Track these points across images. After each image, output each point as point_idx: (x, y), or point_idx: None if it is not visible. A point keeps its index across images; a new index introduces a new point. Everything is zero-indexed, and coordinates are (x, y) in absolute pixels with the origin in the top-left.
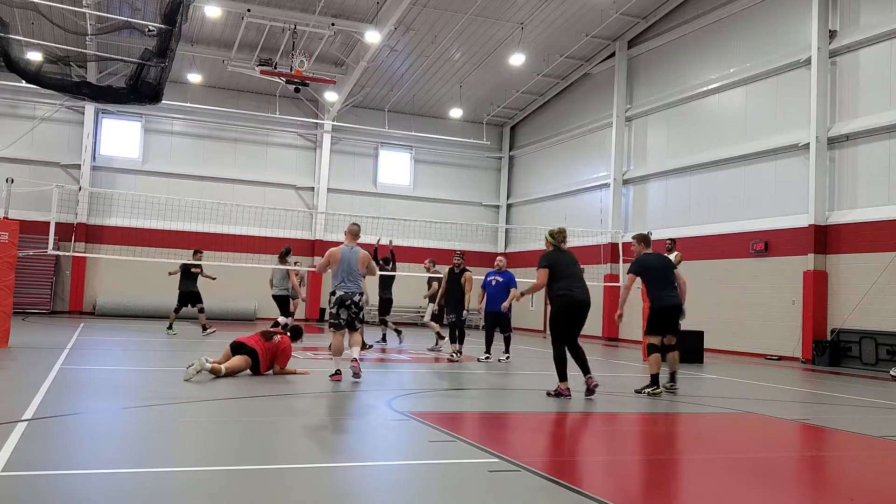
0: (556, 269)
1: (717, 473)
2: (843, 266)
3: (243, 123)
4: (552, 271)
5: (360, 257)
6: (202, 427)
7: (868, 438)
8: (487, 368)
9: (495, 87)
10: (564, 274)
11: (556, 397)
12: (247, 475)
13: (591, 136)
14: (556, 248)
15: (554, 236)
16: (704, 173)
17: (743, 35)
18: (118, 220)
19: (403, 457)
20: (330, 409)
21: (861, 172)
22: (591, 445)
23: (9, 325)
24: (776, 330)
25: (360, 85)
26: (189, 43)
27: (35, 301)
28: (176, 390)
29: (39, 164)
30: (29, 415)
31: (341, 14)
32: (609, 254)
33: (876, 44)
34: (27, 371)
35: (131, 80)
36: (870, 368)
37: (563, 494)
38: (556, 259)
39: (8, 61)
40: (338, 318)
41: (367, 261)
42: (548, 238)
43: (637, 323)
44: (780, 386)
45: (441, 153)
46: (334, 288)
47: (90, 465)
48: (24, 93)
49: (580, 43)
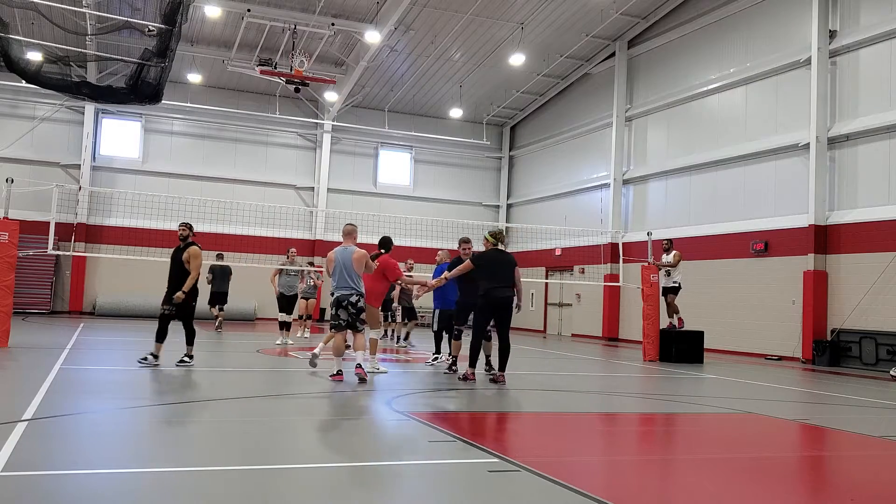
0: (486, 267)
1: (717, 473)
2: (843, 266)
3: (243, 123)
4: (479, 268)
5: (353, 258)
6: (202, 427)
7: (868, 438)
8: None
9: (495, 87)
10: (490, 274)
11: (463, 381)
12: (246, 475)
13: (591, 136)
14: (494, 248)
15: (495, 236)
16: (704, 173)
17: (743, 35)
18: (118, 220)
19: (403, 457)
20: (330, 409)
21: (861, 172)
22: (591, 445)
23: (9, 325)
24: (776, 330)
25: (360, 85)
26: (189, 43)
27: (35, 301)
28: (176, 390)
29: (39, 164)
30: (29, 415)
31: (341, 14)
32: (609, 254)
33: (876, 44)
34: (27, 371)
35: (131, 80)
36: (870, 368)
37: (563, 494)
38: (489, 258)
39: (8, 61)
40: (337, 319)
41: (363, 260)
42: (487, 237)
43: (637, 323)
44: (781, 386)
45: (441, 153)
46: (332, 289)
47: (90, 465)
48: (24, 93)
49: (580, 43)
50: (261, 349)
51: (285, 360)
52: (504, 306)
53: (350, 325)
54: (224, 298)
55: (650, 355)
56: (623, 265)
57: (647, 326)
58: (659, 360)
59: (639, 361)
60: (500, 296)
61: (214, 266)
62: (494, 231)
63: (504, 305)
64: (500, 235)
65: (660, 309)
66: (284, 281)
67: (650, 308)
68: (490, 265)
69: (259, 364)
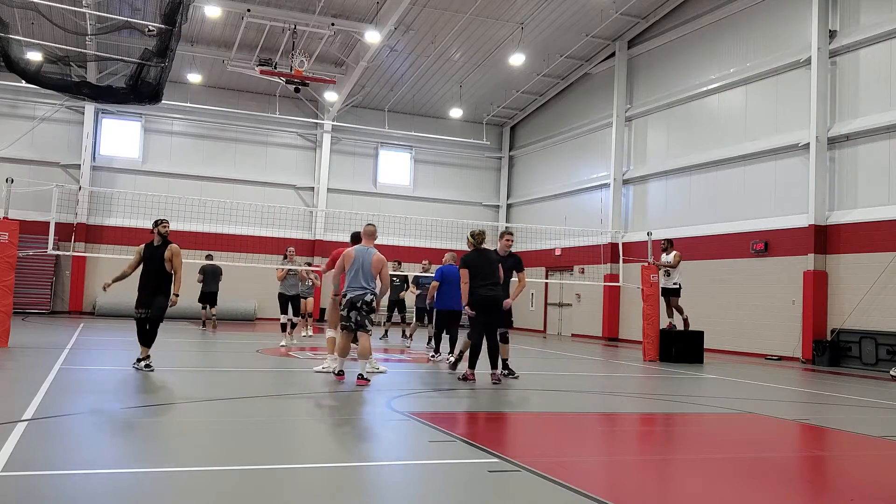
0: (472, 269)
1: (718, 473)
2: (843, 266)
3: (243, 123)
4: (470, 270)
5: (373, 259)
6: (202, 427)
7: (868, 438)
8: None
9: (495, 87)
10: (477, 274)
11: (462, 381)
12: (246, 475)
13: (591, 136)
14: (475, 249)
15: (475, 237)
16: (704, 173)
17: (743, 35)
18: (118, 220)
19: (403, 457)
20: (330, 409)
21: (861, 172)
22: (591, 445)
23: (9, 325)
24: (776, 330)
25: (360, 85)
26: (189, 43)
27: (35, 301)
28: (176, 390)
29: (39, 164)
30: (29, 415)
31: (341, 14)
32: (609, 254)
33: (876, 44)
34: (27, 371)
35: (131, 80)
36: (870, 368)
37: (563, 494)
38: (472, 260)
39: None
40: (347, 321)
41: (380, 265)
42: (469, 239)
43: (637, 323)
44: (781, 386)
45: (441, 153)
46: (345, 289)
47: (90, 465)
48: (24, 93)
49: (580, 43)
50: (261, 349)
51: (285, 360)
52: (491, 305)
53: (359, 325)
54: (214, 298)
55: (650, 355)
56: (623, 265)
57: (646, 326)
58: (659, 360)
59: (639, 361)
60: (487, 294)
61: (206, 266)
62: (475, 231)
63: (492, 304)
64: (481, 236)
65: (660, 309)
66: (285, 281)
67: (650, 308)
68: (473, 266)
69: (259, 364)
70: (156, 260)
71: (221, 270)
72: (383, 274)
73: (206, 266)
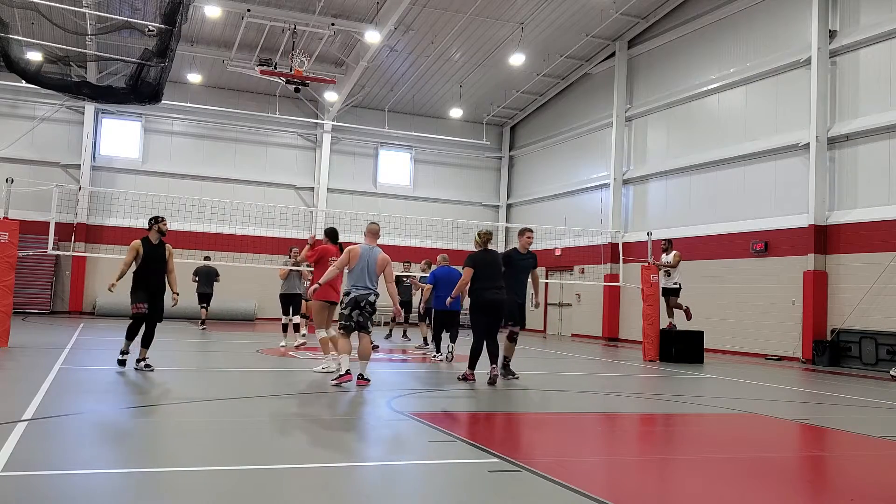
0: (478, 269)
1: (718, 473)
2: (843, 266)
3: (243, 123)
4: (475, 271)
5: (378, 259)
6: (202, 427)
7: (868, 438)
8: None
9: (495, 87)
10: (483, 275)
11: (462, 381)
12: (246, 475)
13: (590, 136)
14: (482, 249)
15: (482, 237)
16: (704, 173)
17: (743, 35)
18: (118, 220)
19: (403, 457)
20: (330, 408)
21: (861, 172)
22: (591, 445)
23: (9, 325)
24: (776, 330)
25: (360, 85)
26: (189, 43)
27: (35, 301)
28: (176, 390)
29: (39, 164)
30: (29, 415)
31: (341, 14)
32: (609, 254)
33: (876, 44)
34: (27, 371)
35: (131, 80)
36: (870, 368)
37: (564, 494)
38: (479, 260)
39: (8, 61)
40: (349, 321)
41: (385, 265)
42: (476, 238)
43: (637, 323)
44: (781, 386)
45: (441, 153)
46: (349, 288)
47: (90, 465)
48: (24, 93)
49: (580, 43)
50: (261, 349)
51: (285, 360)
52: (497, 307)
53: (360, 326)
54: (208, 299)
55: (650, 355)
56: (623, 265)
57: (646, 326)
58: (659, 360)
59: (639, 361)
60: (490, 297)
61: (200, 268)
62: (482, 231)
63: (497, 307)
64: (489, 236)
65: (660, 309)
66: (287, 281)
67: (650, 308)
68: (479, 267)
69: (259, 364)
70: (159, 259)
71: (217, 272)
72: (387, 273)
73: (199, 267)
